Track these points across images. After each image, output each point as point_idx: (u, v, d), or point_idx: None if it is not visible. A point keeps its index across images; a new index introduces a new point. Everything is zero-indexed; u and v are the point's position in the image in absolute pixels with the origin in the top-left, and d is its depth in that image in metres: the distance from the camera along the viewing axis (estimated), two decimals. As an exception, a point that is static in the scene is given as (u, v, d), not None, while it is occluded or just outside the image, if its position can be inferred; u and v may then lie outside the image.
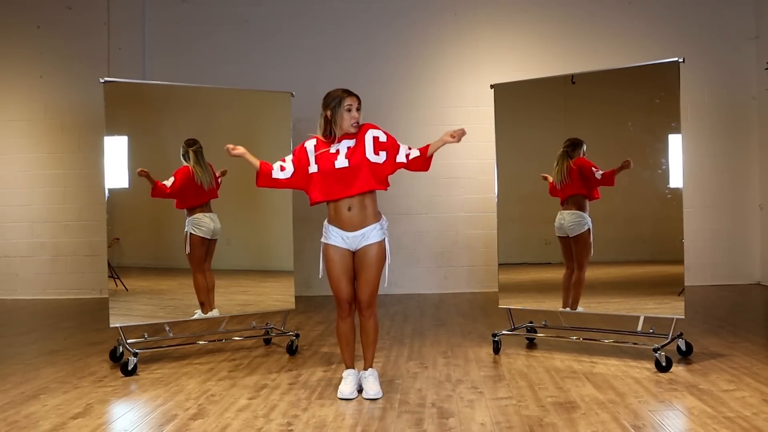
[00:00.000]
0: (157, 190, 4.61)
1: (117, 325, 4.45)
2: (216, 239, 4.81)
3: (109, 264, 4.63)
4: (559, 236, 4.70)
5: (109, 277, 4.63)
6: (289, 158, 3.73)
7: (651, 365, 4.10)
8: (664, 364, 4.00)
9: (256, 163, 3.76)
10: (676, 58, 4.24)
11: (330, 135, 3.65)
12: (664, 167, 4.37)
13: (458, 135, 3.54)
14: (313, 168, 3.65)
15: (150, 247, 4.89)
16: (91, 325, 6.08)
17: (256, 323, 5.31)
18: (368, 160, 3.60)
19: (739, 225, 7.90)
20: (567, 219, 4.65)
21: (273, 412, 3.43)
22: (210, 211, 4.78)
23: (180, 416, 3.39)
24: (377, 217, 3.67)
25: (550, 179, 4.70)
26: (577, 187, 4.60)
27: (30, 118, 8.13)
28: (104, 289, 7.32)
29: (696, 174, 7.59)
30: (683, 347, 4.34)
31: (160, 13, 8.19)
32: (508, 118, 4.92)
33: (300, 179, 3.70)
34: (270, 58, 8.07)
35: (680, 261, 4.34)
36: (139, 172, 4.57)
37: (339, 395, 3.66)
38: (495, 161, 4.97)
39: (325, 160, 3.61)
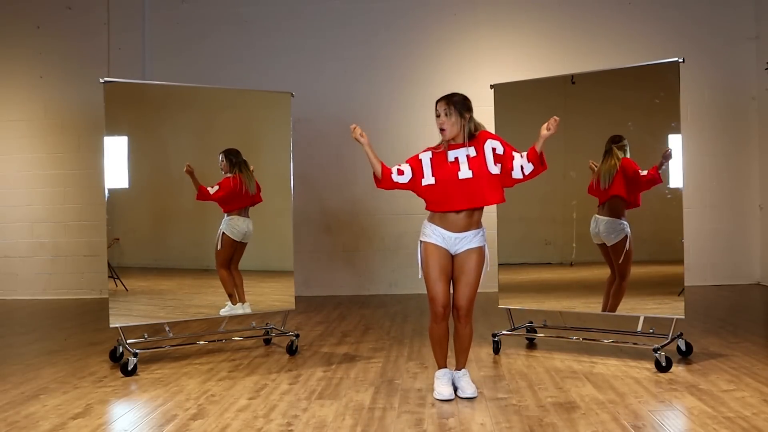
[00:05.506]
0: (202, 194, 4.76)
1: (117, 325, 4.45)
2: (246, 242, 4.91)
3: (109, 264, 4.62)
4: (596, 243, 4.55)
5: (109, 277, 4.63)
6: (406, 164, 3.68)
7: (651, 365, 4.10)
8: (664, 364, 4.00)
9: (378, 166, 3.65)
10: (676, 58, 4.24)
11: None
12: (664, 167, 4.36)
13: (553, 126, 3.47)
14: (429, 180, 3.59)
15: (150, 247, 4.89)
16: (91, 325, 6.08)
17: (256, 323, 5.31)
18: (489, 172, 3.56)
19: (739, 225, 7.90)
20: (602, 226, 4.49)
21: (273, 412, 3.43)
22: (247, 216, 4.90)
23: (180, 416, 3.39)
24: (480, 224, 3.65)
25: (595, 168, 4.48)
26: (619, 189, 4.42)
27: (30, 118, 8.13)
28: (104, 289, 7.31)
29: (696, 174, 7.59)
30: (683, 347, 4.34)
31: (160, 13, 8.20)
32: (508, 118, 4.91)
33: (415, 185, 3.67)
34: (270, 58, 8.07)
35: (680, 261, 4.34)
36: (187, 169, 4.71)
37: (438, 397, 3.59)
38: (495, 161, 4.96)
39: (445, 170, 3.56)
